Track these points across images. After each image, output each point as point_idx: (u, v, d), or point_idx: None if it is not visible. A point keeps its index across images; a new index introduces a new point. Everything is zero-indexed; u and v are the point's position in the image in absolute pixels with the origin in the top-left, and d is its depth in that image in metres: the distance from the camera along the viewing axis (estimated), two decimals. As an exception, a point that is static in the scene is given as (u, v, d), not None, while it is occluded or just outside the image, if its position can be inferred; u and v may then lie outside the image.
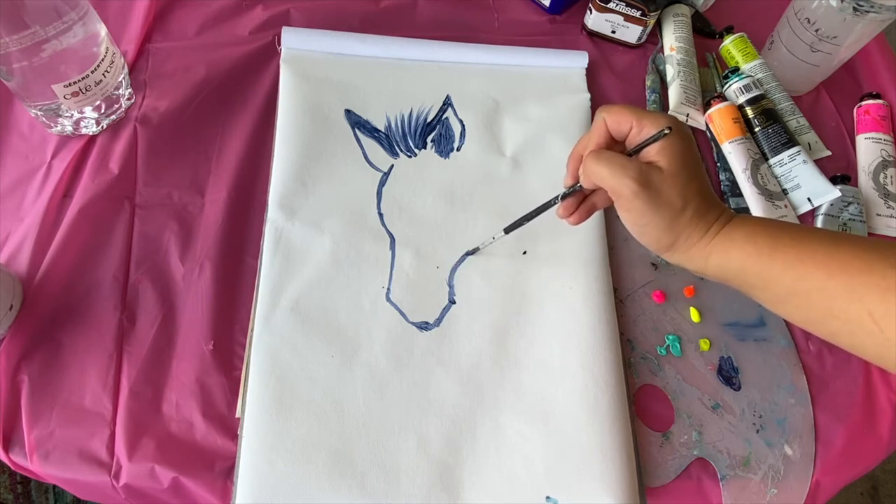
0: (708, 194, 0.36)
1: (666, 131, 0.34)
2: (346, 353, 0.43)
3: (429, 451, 0.41)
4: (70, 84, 0.45)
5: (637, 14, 0.59)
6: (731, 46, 0.62)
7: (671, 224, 0.35)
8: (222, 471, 0.40)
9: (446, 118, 0.54)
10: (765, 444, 0.45)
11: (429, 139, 0.53)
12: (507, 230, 0.45)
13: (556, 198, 0.41)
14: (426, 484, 0.40)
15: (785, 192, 0.55)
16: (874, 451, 0.47)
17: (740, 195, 0.54)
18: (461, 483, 0.40)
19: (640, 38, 0.62)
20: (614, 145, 0.38)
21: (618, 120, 0.36)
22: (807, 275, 0.33)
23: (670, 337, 0.48)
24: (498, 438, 0.42)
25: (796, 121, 0.59)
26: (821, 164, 0.57)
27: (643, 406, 0.46)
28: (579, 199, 0.41)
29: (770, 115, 0.56)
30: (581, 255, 0.49)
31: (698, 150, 0.38)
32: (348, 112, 0.53)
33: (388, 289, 0.46)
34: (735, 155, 0.55)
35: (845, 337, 0.33)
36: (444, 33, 0.59)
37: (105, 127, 0.50)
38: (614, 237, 0.52)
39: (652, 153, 0.35)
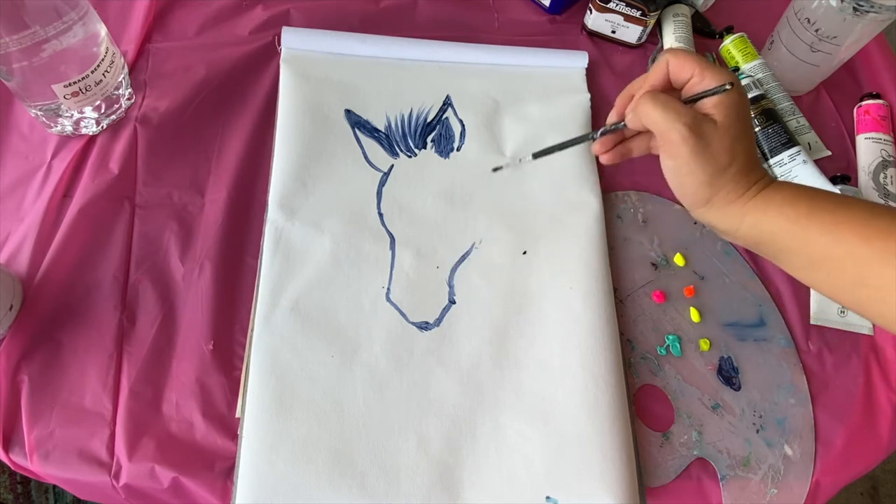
0: (753, 155, 0.36)
1: (727, 86, 0.34)
2: (346, 353, 0.43)
3: (429, 451, 0.41)
4: (70, 84, 0.45)
5: (637, 14, 0.59)
6: (731, 46, 0.62)
7: (712, 178, 0.35)
8: (222, 471, 0.40)
9: (446, 118, 0.54)
10: (765, 444, 0.45)
11: (429, 139, 0.53)
12: (536, 156, 0.42)
13: (595, 132, 0.41)
14: (426, 484, 0.40)
15: (785, 192, 0.55)
16: (874, 451, 0.47)
17: (740, 195, 0.54)
18: (461, 483, 0.40)
19: (640, 38, 0.62)
20: (669, 91, 0.38)
21: (681, 65, 0.36)
22: (842, 239, 0.33)
23: (670, 337, 0.48)
24: (498, 438, 0.42)
25: (796, 121, 0.59)
26: (821, 164, 0.57)
27: (643, 406, 0.46)
28: (617, 138, 0.41)
29: (770, 115, 0.56)
30: (581, 254, 0.49)
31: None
32: (348, 112, 0.53)
33: (388, 289, 0.46)
34: (735, 155, 0.54)
35: (875, 304, 0.33)
36: (444, 33, 0.59)
37: (105, 127, 0.50)
38: (614, 237, 0.52)
39: (708, 106, 0.35)
